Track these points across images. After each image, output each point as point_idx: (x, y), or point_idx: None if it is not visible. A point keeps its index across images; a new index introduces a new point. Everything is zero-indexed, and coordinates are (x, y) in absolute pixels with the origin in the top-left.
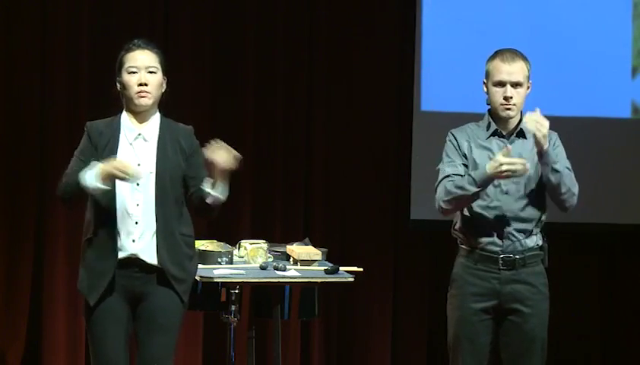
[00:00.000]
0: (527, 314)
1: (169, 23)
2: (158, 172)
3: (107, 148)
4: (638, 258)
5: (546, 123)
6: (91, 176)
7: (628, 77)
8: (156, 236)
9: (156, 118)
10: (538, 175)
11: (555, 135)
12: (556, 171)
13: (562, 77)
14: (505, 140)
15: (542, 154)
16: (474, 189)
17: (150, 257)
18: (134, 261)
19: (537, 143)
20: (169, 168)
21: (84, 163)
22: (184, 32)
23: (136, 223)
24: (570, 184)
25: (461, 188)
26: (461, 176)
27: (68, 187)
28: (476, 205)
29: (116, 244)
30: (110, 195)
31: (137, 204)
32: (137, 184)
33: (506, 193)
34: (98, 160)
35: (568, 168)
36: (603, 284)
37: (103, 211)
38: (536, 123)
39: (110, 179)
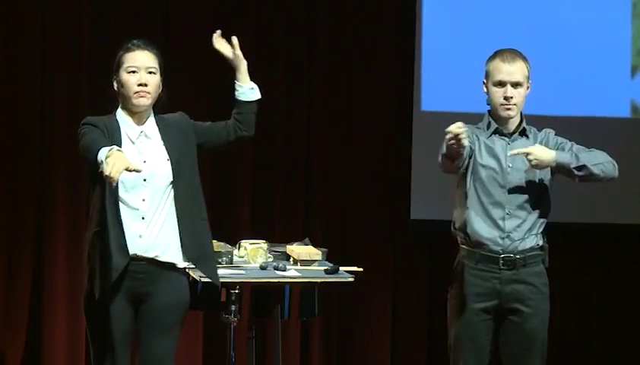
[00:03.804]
0: (527, 314)
1: (169, 23)
2: (173, 160)
3: (112, 143)
4: (638, 258)
5: (532, 152)
6: (101, 155)
7: (627, 76)
8: (178, 225)
9: (152, 117)
10: (541, 175)
11: (552, 132)
12: (580, 168)
13: (561, 77)
14: (506, 138)
15: (558, 168)
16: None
17: (158, 253)
18: (140, 258)
19: (536, 165)
20: (183, 153)
21: (102, 135)
22: (184, 32)
23: (142, 218)
24: (600, 161)
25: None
26: None
27: (88, 155)
28: (478, 204)
29: (125, 238)
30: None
31: (144, 200)
32: (145, 180)
33: (508, 192)
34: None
35: (582, 150)
36: (603, 283)
37: (112, 203)
38: (528, 161)
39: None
